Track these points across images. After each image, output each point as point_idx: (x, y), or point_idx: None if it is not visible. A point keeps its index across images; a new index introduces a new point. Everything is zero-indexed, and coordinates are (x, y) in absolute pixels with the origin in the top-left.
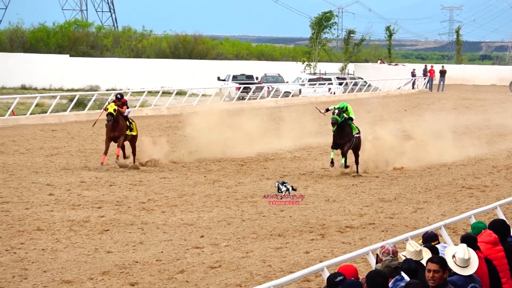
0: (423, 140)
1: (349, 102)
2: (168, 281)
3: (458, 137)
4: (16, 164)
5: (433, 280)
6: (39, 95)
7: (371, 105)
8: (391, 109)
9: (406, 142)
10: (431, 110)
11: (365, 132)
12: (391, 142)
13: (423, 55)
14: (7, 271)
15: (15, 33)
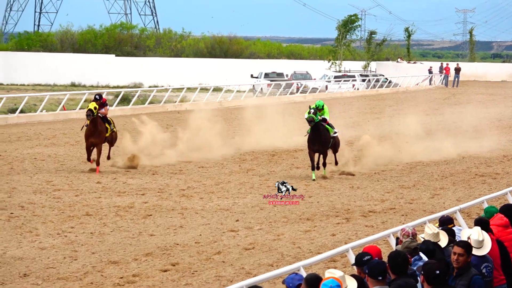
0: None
1: (370, 98)
2: (206, 261)
3: (471, 129)
4: (66, 155)
5: (457, 263)
6: (87, 91)
7: (392, 100)
8: (411, 103)
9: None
10: (447, 104)
11: (387, 125)
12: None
13: (439, 54)
14: (59, 252)
15: (65, 35)
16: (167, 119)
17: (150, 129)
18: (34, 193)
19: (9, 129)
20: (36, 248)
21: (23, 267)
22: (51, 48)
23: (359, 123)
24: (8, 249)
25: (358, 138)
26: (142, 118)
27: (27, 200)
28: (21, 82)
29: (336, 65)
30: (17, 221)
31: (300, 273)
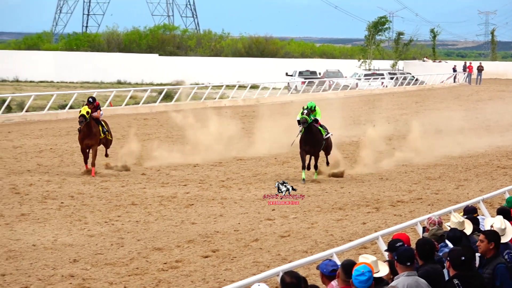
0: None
1: (398, 94)
2: (244, 248)
3: (493, 124)
4: (113, 148)
5: (481, 249)
6: (132, 89)
7: (418, 96)
8: (436, 100)
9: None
10: (470, 101)
11: (413, 119)
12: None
13: (463, 53)
14: (106, 240)
15: (112, 36)
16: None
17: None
18: (83, 184)
19: (59, 124)
20: (85, 236)
21: (73, 253)
22: (98, 48)
23: (389, 119)
24: (59, 236)
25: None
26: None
27: (76, 190)
28: (70, 80)
29: (366, 64)
30: (67, 210)
31: (333, 259)
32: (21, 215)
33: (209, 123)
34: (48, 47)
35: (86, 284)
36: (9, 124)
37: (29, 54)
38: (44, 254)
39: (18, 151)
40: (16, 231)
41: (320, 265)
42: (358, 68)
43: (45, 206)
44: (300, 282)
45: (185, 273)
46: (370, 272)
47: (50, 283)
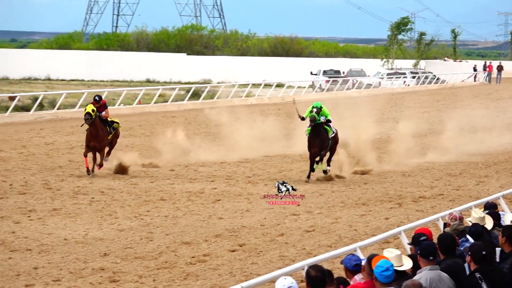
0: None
1: (420, 93)
2: (270, 242)
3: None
4: (142, 145)
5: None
6: (161, 87)
7: (439, 95)
8: (456, 98)
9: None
10: (490, 99)
11: (435, 117)
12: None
13: (483, 53)
14: (136, 234)
15: (141, 35)
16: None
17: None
18: (113, 179)
19: None
20: (115, 230)
21: (104, 247)
22: (127, 47)
23: (410, 116)
24: (90, 230)
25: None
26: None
27: (107, 186)
28: (100, 79)
29: (389, 63)
30: (98, 205)
31: (357, 253)
32: (53, 210)
33: (245, 121)
34: (79, 46)
35: (116, 277)
36: (41, 121)
37: (60, 53)
38: (75, 248)
39: (50, 147)
40: (48, 225)
41: (344, 260)
42: (381, 67)
43: (76, 201)
44: (325, 275)
45: (213, 267)
46: (392, 266)
47: (81, 276)
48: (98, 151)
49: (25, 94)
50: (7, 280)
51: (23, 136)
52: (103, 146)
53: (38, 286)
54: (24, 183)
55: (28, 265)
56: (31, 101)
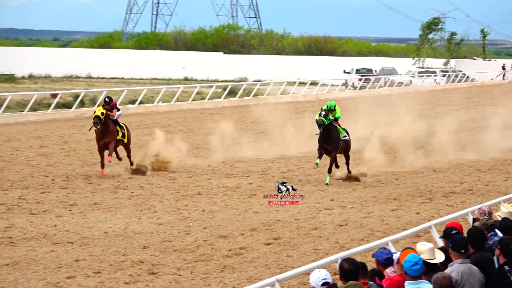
0: None
1: (450, 91)
2: (305, 236)
3: None
4: (180, 141)
5: None
6: (198, 85)
7: (469, 93)
8: (486, 96)
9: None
10: None
11: (464, 115)
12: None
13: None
14: (174, 228)
15: (179, 35)
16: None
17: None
18: (152, 174)
19: (129, 118)
20: (154, 224)
21: (143, 240)
22: (166, 46)
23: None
24: (130, 224)
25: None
26: None
27: (145, 181)
28: (140, 77)
29: (420, 62)
30: (137, 199)
31: (389, 247)
32: (93, 204)
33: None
34: (119, 45)
35: (155, 270)
36: (82, 118)
37: (101, 52)
38: (115, 241)
39: (90, 143)
40: (89, 219)
41: (375, 253)
42: (412, 66)
43: (116, 195)
44: (357, 268)
45: (249, 260)
46: (421, 260)
47: (121, 268)
48: (108, 143)
49: (67, 92)
50: (49, 272)
51: (65, 132)
52: (113, 140)
53: (79, 278)
54: (65, 178)
55: (70, 258)
56: (73, 99)
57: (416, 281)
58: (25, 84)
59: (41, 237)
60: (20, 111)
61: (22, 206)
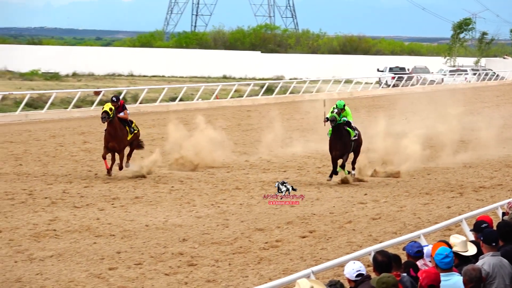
0: None
1: (480, 89)
2: (339, 229)
3: None
4: (218, 137)
5: None
6: (236, 83)
7: (499, 91)
8: None
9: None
10: None
11: (495, 112)
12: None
13: None
14: (213, 221)
15: (218, 34)
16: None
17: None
18: (191, 170)
19: (169, 115)
20: (193, 217)
21: (182, 233)
22: (205, 45)
23: (472, 111)
24: (170, 217)
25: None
26: None
27: (185, 175)
28: (180, 75)
29: (451, 61)
30: (177, 193)
31: (420, 240)
32: (135, 198)
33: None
34: (160, 44)
35: (194, 261)
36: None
37: (142, 51)
38: (156, 233)
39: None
40: (130, 212)
41: (406, 247)
42: (444, 65)
43: (157, 189)
44: (391, 260)
45: (285, 252)
46: (451, 253)
47: (161, 260)
48: (118, 152)
49: (109, 89)
50: (92, 264)
51: None
52: (123, 147)
53: (121, 269)
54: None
55: (112, 250)
56: None
57: (447, 273)
58: (69, 82)
59: (84, 230)
60: (64, 108)
61: (66, 199)
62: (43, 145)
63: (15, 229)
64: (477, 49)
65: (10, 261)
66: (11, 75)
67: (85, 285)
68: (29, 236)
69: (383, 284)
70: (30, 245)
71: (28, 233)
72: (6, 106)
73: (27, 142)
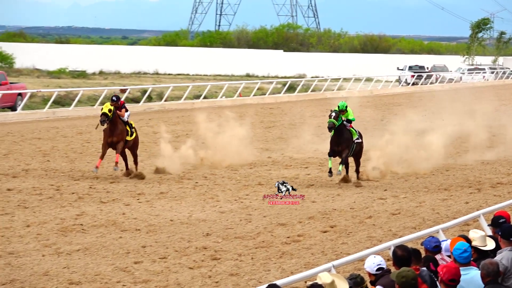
0: None
1: (498, 87)
2: (359, 224)
3: None
4: (242, 134)
5: None
6: (259, 81)
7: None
8: None
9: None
10: None
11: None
12: None
13: None
14: (236, 216)
15: (241, 34)
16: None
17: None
18: (215, 166)
19: (194, 112)
20: (217, 212)
21: (206, 228)
22: (229, 44)
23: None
24: (194, 212)
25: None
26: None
27: (209, 171)
28: (204, 73)
29: (469, 59)
30: (201, 189)
31: (439, 235)
32: (160, 193)
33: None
34: (184, 43)
35: (217, 255)
36: (149, 112)
37: (167, 50)
38: (180, 228)
39: (157, 136)
40: (155, 207)
41: (424, 242)
42: (462, 63)
43: (181, 185)
44: (410, 255)
45: (306, 246)
46: (470, 248)
47: (185, 254)
48: (116, 144)
49: (135, 87)
50: (118, 258)
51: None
52: (122, 139)
53: (146, 263)
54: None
55: (137, 244)
56: (141, 94)
57: (465, 267)
58: (96, 80)
59: (110, 225)
60: (91, 105)
61: (93, 195)
62: (70, 142)
63: (43, 224)
64: (495, 48)
65: (38, 255)
66: (39, 73)
67: (111, 278)
68: (57, 231)
69: (403, 278)
70: (58, 239)
71: (56, 228)
72: (34, 104)
73: (55, 138)
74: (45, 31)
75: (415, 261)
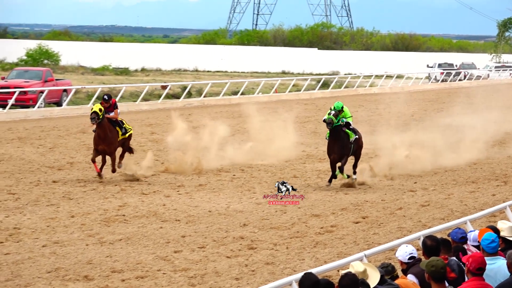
0: None
1: None
2: (390, 215)
3: None
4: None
5: None
6: (295, 78)
7: None
8: None
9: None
10: None
11: None
12: None
13: None
14: (272, 207)
15: (277, 32)
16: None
17: None
18: (252, 159)
19: (232, 107)
20: (253, 203)
21: (243, 218)
22: (266, 43)
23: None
24: (231, 203)
25: None
26: None
27: (246, 164)
28: (241, 70)
29: (497, 57)
30: (238, 181)
31: (467, 226)
32: (199, 185)
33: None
34: (223, 42)
35: (254, 245)
36: (189, 107)
37: (207, 48)
38: (218, 219)
39: (197, 130)
40: (194, 199)
41: (451, 233)
42: (490, 61)
43: (219, 177)
44: (439, 244)
45: (339, 236)
46: (497, 238)
47: (223, 244)
48: (109, 154)
49: (176, 84)
50: (159, 247)
51: (174, 120)
52: (113, 150)
53: (185, 252)
54: (174, 162)
55: (177, 234)
56: (181, 90)
57: (492, 257)
58: (138, 77)
59: (151, 215)
60: (133, 101)
61: (134, 187)
62: None
63: (87, 214)
64: None
65: (82, 244)
66: (83, 70)
67: (151, 266)
68: (100, 221)
69: (432, 267)
70: (101, 229)
71: (99, 218)
72: (79, 99)
73: None
74: (89, 30)
75: (444, 250)
